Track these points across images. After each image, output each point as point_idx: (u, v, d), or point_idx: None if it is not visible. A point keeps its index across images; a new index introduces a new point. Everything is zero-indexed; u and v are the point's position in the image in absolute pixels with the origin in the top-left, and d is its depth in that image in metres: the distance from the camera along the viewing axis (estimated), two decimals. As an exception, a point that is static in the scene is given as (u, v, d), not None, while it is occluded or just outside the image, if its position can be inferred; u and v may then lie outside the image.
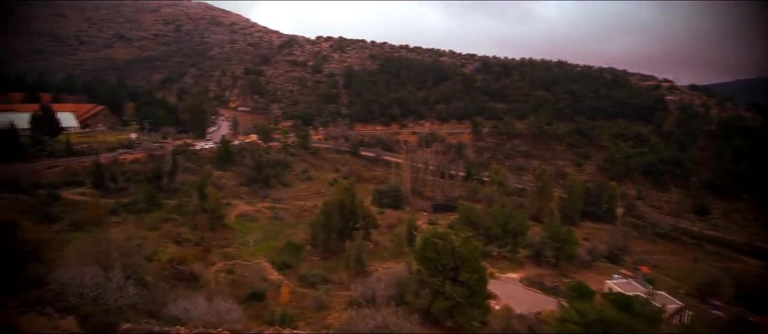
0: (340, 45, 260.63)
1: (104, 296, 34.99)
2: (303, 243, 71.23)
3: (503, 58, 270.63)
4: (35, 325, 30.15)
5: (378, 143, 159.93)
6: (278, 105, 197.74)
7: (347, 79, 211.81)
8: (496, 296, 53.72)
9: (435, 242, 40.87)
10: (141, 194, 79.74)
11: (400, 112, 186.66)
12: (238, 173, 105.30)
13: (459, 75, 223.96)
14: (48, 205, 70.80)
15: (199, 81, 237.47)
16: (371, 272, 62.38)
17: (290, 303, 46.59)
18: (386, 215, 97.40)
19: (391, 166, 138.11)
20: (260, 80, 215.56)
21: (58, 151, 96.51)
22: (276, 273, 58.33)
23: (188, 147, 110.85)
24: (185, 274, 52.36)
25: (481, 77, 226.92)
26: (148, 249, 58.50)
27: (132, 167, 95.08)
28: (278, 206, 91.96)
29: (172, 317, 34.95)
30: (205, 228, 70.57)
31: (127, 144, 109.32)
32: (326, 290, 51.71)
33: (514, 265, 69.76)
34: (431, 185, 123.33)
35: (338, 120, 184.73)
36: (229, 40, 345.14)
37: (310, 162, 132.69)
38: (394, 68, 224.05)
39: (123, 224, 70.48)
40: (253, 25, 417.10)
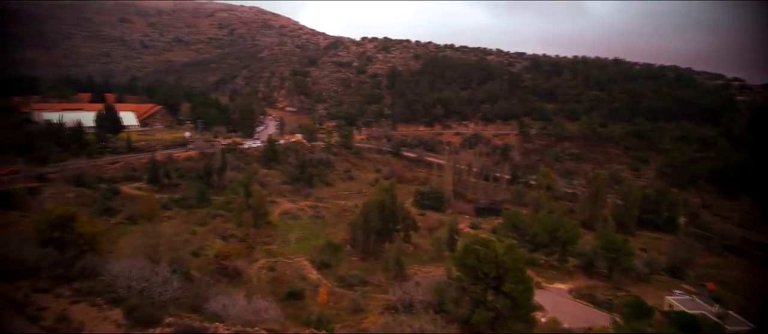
0: (384, 45, 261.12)
1: (150, 290, 36.26)
2: (343, 243, 71.30)
3: (554, 57, 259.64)
4: (86, 315, 31.76)
5: (420, 144, 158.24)
6: (323, 105, 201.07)
7: (390, 80, 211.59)
8: (542, 307, 50.85)
9: (476, 249, 39.04)
10: (192, 190, 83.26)
11: (443, 112, 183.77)
12: (283, 171, 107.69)
13: (506, 74, 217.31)
14: (108, 199, 75.58)
15: (249, 82, 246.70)
16: (410, 276, 61.21)
17: (327, 304, 46.49)
18: (427, 217, 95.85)
19: (433, 167, 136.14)
20: (306, 81, 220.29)
21: (120, 148, 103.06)
22: (315, 272, 58.65)
23: (237, 146, 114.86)
24: (229, 269, 53.80)
25: (530, 76, 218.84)
26: (196, 244, 61.02)
27: (185, 164, 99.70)
28: (320, 204, 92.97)
29: (213, 314, 35.61)
30: (250, 225, 72.45)
31: (181, 142, 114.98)
32: (364, 292, 51.19)
33: (563, 275, 65.95)
34: (474, 187, 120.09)
35: (381, 120, 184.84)
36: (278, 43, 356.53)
37: (353, 162, 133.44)
38: (438, 68, 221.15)
39: (174, 218, 74.06)
40: (302, 28, 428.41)
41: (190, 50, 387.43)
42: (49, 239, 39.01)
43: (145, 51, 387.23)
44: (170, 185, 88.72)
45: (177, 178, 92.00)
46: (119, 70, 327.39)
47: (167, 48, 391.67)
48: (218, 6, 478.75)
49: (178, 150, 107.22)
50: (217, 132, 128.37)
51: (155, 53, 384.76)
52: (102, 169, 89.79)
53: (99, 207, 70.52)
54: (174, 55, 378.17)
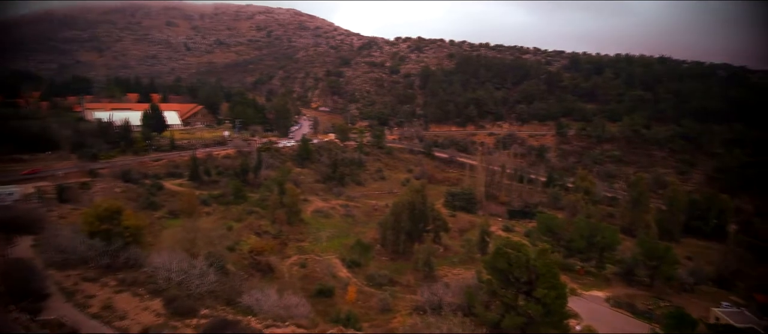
0: (417, 45, 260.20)
1: (188, 282, 37.96)
2: (373, 242, 71.77)
3: (594, 55, 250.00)
4: (129, 304, 33.67)
5: (452, 144, 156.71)
6: (356, 105, 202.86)
7: (423, 80, 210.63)
8: (577, 314, 49.29)
9: (507, 253, 38.27)
10: (229, 187, 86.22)
11: (476, 112, 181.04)
12: (316, 170, 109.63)
13: (543, 73, 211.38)
14: (152, 194, 79.47)
15: (285, 82, 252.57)
16: (439, 277, 60.87)
17: (356, 302, 46.95)
18: (458, 218, 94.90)
19: (465, 168, 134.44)
20: (340, 81, 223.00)
21: (163, 146, 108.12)
22: (345, 270, 59.37)
23: (272, 145, 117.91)
24: (262, 265, 55.45)
25: (569, 75, 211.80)
26: (232, 239, 63.21)
27: (223, 161, 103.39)
28: (351, 203, 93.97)
29: (246, 307, 36.86)
30: (283, 222, 74.27)
31: (220, 141, 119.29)
32: (392, 292, 51.34)
33: (600, 282, 63.52)
34: (508, 189, 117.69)
35: (413, 120, 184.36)
36: (313, 44, 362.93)
37: (384, 162, 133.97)
38: (472, 67, 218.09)
39: (212, 214, 76.98)
40: (336, 29, 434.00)
41: (230, 52, 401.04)
42: (98, 231, 41.52)
43: (189, 53, 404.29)
44: (209, 181, 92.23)
45: (216, 175, 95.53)
46: (165, 71, 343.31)
47: (209, 50, 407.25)
48: (257, 9, 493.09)
49: (218, 148, 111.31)
50: (254, 131, 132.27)
51: (198, 55, 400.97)
52: (147, 165, 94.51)
53: (144, 202, 74.27)
54: (215, 56, 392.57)
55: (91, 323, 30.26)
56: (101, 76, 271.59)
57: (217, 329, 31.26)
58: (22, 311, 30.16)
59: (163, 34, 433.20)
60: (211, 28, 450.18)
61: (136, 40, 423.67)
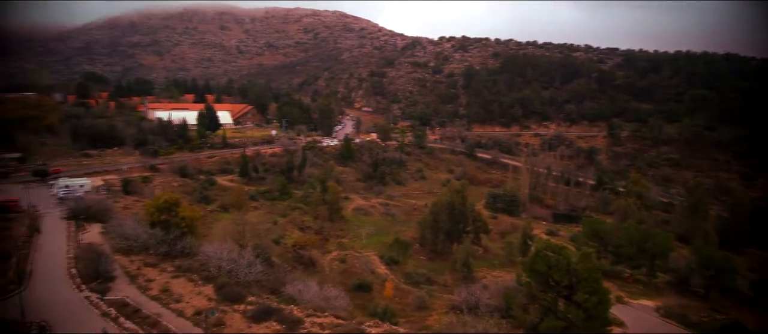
0: (462, 44, 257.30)
1: (237, 271, 40.59)
2: (411, 241, 72.36)
3: (652, 52, 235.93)
4: (184, 288, 36.52)
5: (496, 145, 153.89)
6: (398, 105, 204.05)
7: (467, 79, 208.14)
8: (622, 323, 47.46)
9: (547, 256, 37.62)
10: (275, 184, 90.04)
11: (522, 112, 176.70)
12: (357, 169, 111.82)
13: (595, 72, 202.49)
14: (206, 189, 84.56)
15: (329, 83, 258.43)
16: (478, 279, 60.56)
17: (393, 299, 47.85)
18: (499, 220, 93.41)
19: (508, 169, 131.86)
20: (383, 82, 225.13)
21: (216, 144, 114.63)
22: (383, 267, 60.43)
23: (316, 144, 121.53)
24: (305, 258, 57.71)
25: (623, 74, 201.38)
26: (277, 233, 66.18)
27: (270, 159, 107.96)
28: (391, 202, 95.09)
29: (289, 297, 38.84)
30: (325, 218, 76.62)
31: (268, 139, 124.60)
32: (429, 290, 51.75)
33: (650, 291, 60.46)
34: (553, 192, 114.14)
35: (455, 120, 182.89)
36: (358, 45, 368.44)
37: (425, 161, 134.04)
38: (518, 66, 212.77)
39: (259, 209, 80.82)
40: (380, 30, 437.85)
41: (278, 54, 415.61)
42: (157, 221, 45.23)
43: (240, 55, 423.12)
44: (257, 178, 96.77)
45: (263, 172, 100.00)
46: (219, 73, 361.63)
47: (259, 52, 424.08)
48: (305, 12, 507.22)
49: (265, 147, 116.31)
50: (300, 130, 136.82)
51: (249, 57, 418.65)
52: (201, 162, 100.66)
53: (198, 195, 79.27)
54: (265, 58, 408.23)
55: (151, 304, 33.26)
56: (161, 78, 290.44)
57: (261, 314, 33.45)
58: (92, 291, 33.71)
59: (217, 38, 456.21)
60: (261, 31, 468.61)
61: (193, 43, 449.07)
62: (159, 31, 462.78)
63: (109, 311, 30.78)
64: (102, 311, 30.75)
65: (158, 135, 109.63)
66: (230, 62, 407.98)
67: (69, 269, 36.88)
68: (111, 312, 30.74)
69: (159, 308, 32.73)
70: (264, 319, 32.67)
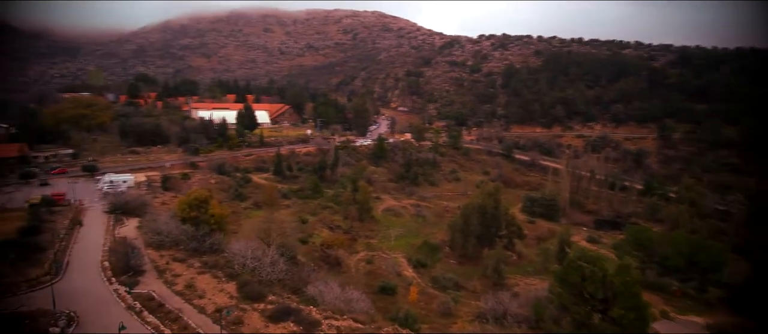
0: (502, 42, 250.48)
1: (260, 269, 40.84)
2: (441, 244, 70.68)
3: (710, 49, 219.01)
4: (208, 285, 37.06)
5: (535, 146, 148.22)
6: (434, 105, 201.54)
7: (506, 78, 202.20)
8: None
9: (581, 266, 35.14)
10: (308, 183, 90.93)
11: (564, 112, 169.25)
12: (389, 169, 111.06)
13: (644, 70, 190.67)
14: (241, 186, 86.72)
15: (366, 83, 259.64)
16: (509, 286, 58.12)
17: (418, 303, 46.60)
18: (537, 225, 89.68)
19: (547, 172, 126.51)
20: (419, 81, 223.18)
21: (254, 142, 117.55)
22: (410, 270, 59.29)
23: (350, 143, 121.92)
24: (331, 258, 57.63)
25: (677, 72, 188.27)
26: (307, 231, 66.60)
27: (305, 158, 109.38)
28: (422, 203, 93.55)
29: (310, 297, 38.58)
30: (354, 218, 76.41)
31: (303, 139, 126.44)
32: (456, 296, 50.03)
33: (700, 306, 55.69)
34: (596, 196, 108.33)
35: (493, 121, 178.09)
36: (395, 45, 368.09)
37: (460, 163, 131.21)
38: (561, 64, 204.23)
39: (291, 207, 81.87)
40: (419, 29, 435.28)
41: (318, 55, 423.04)
42: (188, 217, 46.47)
43: (282, 57, 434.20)
44: (291, 176, 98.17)
45: (297, 171, 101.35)
46: (261, 74, 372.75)
47: (300, 53, 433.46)
48: (344, 13, 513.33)
49: (300, 146, 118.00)
50: (334, 130, 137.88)
51: (290, 58, 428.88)
52: (238, 160, 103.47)
53: (233, 193, 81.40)
54: (305, 59, 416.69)
55: (175, 299, 33.96)
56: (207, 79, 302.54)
57: (280, 315, 33.32)
58: (121, 284, 34.87)
59: (260, 40, 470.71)
60: (303, 33, 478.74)
61: (238, 45, 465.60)
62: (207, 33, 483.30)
63: (134, 305, 31.65)
64: (128, 305, 31.66)
65: (200, 134, 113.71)
66: (272, 63, 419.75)
67: (102, 262, 38.47)
68: (136, 306, 31.59)
69: (182, 303, 33.35)
70: (282, 319, 32.49)
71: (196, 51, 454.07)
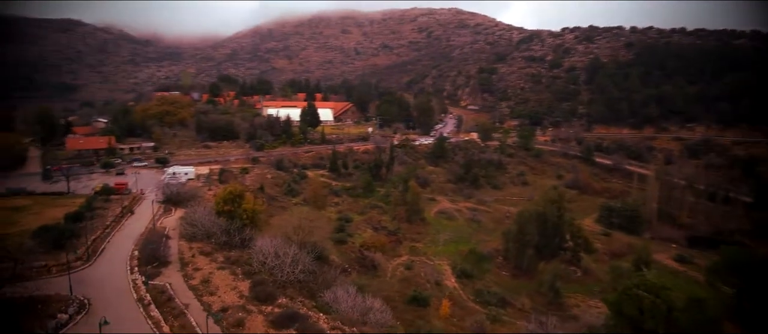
0: (588, 35, 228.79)
1: (280, 268, 39.43)
2: (493, 254, 64.57)
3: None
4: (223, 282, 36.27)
5: (620, 149, 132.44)
6: (507, 103, 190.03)
7: (590, 73, 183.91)
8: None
9: (639, 296, 28.40)
10: (360, 181, 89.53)
11: (658, 111, 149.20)
12: (449, 169, 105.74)
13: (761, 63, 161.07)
14: (296, 182, 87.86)
15: (437, 81, 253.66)
16: (567, 307, 50.94)
17: (449, 318, 42.08)
18: (613, 238, 78.99)
19: (633, 178, 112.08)
20: (492, 78, 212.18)
21: (316, 139, 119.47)
22: (453, 280, 54.56)
23: (409, 142, 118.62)
24: (367, 261, 55.06)
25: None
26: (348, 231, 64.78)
27: (362, 156, 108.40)
28: (480, 207, 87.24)
29: (324, 303, 36.22)
30: (402, 219, 73.11)
31: (364, 136, 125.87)
32: (497, 314, 44.54)
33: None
34: (692, 208, 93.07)
35: (573, 120, 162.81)
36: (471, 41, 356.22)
37: (530, 165, 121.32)
38: (657, 57, 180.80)
39: (341, 204, 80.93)
40: (497, 25, 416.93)
41: (392, 54, 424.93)
42: (222, 211, 46.75)
43: (357, 57, 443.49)
44: (346, 174, 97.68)
45: (353, 168, 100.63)
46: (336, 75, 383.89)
47: (374, 53, 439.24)
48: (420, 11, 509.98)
49: (359, 143, 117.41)
50: (396, 128, 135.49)
51: (365, 58, 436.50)
52: (298, 156, 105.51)
53: (286, 188, 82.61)
54: (379, 59, 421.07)
55: (186, 294, 33.61)
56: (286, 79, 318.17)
57: (284, 321, 31.34)
58: (142, 275, 35.39)
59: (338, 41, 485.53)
60: (378, 33, 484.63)
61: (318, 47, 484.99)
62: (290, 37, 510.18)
63: (144, 297, 31.70)
64: (139, 296, 31.81)
65: (266, 130, 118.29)
66: (348, 64, 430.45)
67: (133, 251, 39.67)
68: (145, 298, 31.63)
69: (191, 299, 32.87)
70: (285, 326, 30.46)
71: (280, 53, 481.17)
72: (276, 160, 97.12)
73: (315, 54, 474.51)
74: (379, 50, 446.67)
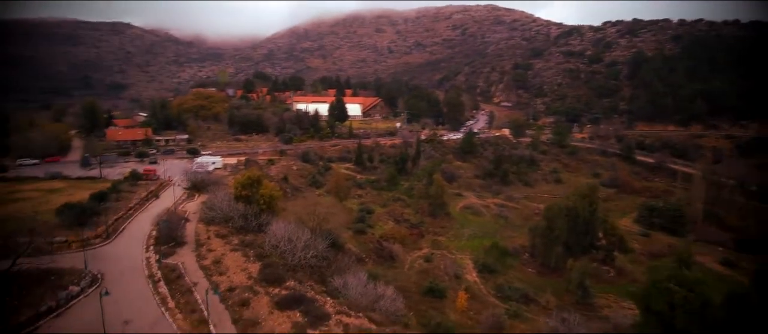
0: (631, 29, 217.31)
1: (292, 252, 39.09)
2: (519, 250, 61.81)
3: None
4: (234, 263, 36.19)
5: (664, 147, 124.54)
6: (542, 100, 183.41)
7: (633, 68, 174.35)
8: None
9: (670, 291, 25.74)
10: (385, 174, 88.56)
11: (706, 108, 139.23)
12: (477, 165, 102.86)
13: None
14: (321, 173, 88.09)
15: (469, 78, 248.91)
16: (597, 307, 47.89)
17: (466, 311, 40.27)
18: (652, 239, 74.35)
19: (677, 177, 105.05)
20: (527, 75, 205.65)
21: (343, 133, 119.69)
22: (474, 274, 52.51)
23: (437, 137, 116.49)
24: (385, 251, 53.98)
25: None
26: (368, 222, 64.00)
27: (389, 150, 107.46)
28: (509, 204, 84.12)
29: (333, 288, 35.50)
30: (425, 213, 71.49)
31: (391, 131, 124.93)
32: (518, 310, 42.24)
33: None
34: (742, 210, 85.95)
35: (613, 117, 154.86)
36: (507, 38, 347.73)
37: (564, 162, 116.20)
38: (706, 51, 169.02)
39: (364, 196, 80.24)
40: (534, 21, 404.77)
41: (425, 52, 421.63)
42: (240, 195, 47.10)
43: (390, 55, 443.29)
44: (371, 167, 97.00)
45: (378, 162, 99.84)
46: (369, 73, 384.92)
47: (407, 51, 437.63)
48: (455, 8, 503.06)
49: (386, 138, 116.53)
50: (425, 124, 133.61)
51: (398, 57, 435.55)
52: (325, 149, 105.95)
53: (310, 179, 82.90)
54: (412, 57, 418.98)
55: (197, 273, 33.78)
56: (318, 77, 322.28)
57: (289, 303, 30.80)
58: (156, 253, 35.93)
59: (371, 40, 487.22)
60: (412, 31, 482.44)
61: (351, 46, 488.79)
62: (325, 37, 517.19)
63: (155, 274, 32.07)
64: (150, 273, 32.23)
65: (295, 124, 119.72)
66: (380, 62, 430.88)
67: (151, 232, 40.45)
68: (156, 275, 32.00)
69: (201, 278, 33.01)
70: (289, 307, 29.89)
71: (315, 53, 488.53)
72: (302, 153, 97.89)
73: (348, 53, 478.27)
74: (412, 48, 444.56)
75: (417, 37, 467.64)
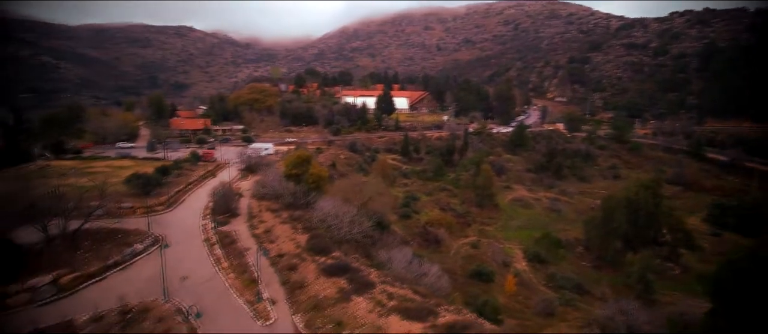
0: (701, 18, 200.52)
1: (338, 227, 39.71)
2: (573, 243, 58.77)
3: None
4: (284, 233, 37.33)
5: (738, 144, 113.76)
6: (601, 94, 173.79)
7: (703, 60, 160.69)
8: None
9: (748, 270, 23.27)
10: (431, 164, 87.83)
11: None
12: (528, 158, 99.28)
13: None
14: (367, 162, 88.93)
15: (521, 73, 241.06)
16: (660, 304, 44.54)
17: (515, 296, 38.83)
18: (723, 239, 68.08)
19: (753, 176, 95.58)
20: (584, 69, 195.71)
21: (390, 126, 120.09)
22: (524, 263, 50.57)
23: (485, 130, 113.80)
24: (431, 236, 53.40)
25: None
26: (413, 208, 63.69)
27: (435, 142, 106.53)
28: (562, 198, 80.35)
29: (378, 262, 35.65)
30: (472, 203, 69.99)
31: (438, 124, 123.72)
32: (571, 299, 40.10)
33: None
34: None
35: (680, 112, 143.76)
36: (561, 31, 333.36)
37: (624, 158, 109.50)
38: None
39: (409, 186, 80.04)
40: (593, 14, 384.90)
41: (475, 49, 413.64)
42: (290, 174, 48.57)
43: (439, 53, 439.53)
44: (417, 158, 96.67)
45: (424, 153, 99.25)
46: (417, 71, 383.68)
47: (456, 49, 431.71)
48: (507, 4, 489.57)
49: (433, 131, 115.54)
50: (474, 117, 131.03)
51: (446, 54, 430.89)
52: (372, 140, 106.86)
53: (357, 167, 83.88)
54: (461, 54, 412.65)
55: (248, 240, 35.17)
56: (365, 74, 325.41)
57: (335, 270, 31.25)
58: (212, 221, 37.77)
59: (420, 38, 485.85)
60: (461, 28, 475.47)
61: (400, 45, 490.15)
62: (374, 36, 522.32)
63: (211, 238, 33.68)
64: (206, 237, 33.89)
65: (343, 116, 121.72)
66: (429, 59, 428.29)
67: (208, 204, 42.63)
68: (212, 239, 33.60)
69: (252, 244, 34.25)
70: (335, 274, 30.34)
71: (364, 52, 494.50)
72: (350, 143, 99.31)
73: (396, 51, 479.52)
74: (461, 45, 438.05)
75: (466, 34, 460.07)
